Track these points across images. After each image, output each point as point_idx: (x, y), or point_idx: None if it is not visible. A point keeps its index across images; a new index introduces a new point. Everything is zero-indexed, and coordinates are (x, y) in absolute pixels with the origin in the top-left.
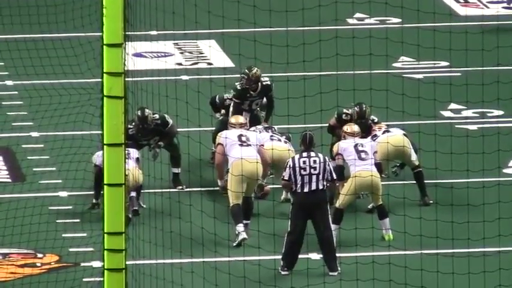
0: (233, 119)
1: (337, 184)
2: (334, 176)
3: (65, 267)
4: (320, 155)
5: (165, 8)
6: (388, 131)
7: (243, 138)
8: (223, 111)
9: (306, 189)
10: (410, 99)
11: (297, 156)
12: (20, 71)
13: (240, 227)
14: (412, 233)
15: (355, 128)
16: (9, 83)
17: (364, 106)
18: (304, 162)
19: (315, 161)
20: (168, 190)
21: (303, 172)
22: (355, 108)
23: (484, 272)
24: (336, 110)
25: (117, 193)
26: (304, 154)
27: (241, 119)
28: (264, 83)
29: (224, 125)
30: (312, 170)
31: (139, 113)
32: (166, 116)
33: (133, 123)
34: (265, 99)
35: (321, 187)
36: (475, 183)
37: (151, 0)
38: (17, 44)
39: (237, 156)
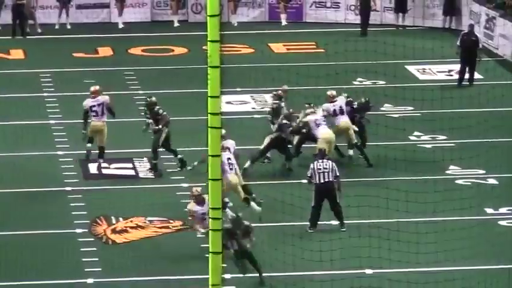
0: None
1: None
2: (337, 173)
3: (186, 229)
4: (330, 161)
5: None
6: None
7: (231, 161)
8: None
9: (321, 181)
10: None
11: (316, 163)
12: None
13: (254, 205)
14: None
15: None
16: None
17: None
18: (320, 165)
19: (326, 164)
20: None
21: (319, 171)
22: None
23: None
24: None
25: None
26: (320, 161)
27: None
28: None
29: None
30: (325, 169)
31: (148, 98)
32: (163, 114)
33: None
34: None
35: (331, 179)
36: None
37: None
38: None
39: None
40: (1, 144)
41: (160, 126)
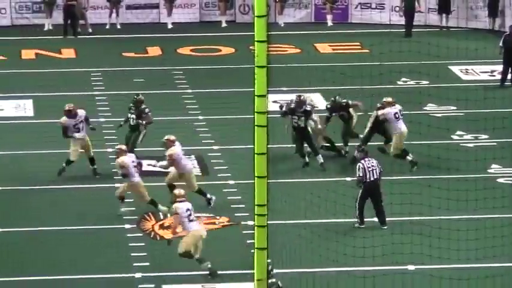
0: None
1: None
2: (382, 169)
3: (232, 225)
4: (374, 160)
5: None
6: None
7: (135, 164)
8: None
9: (371, 178)
10: None
11: (363, 162)
12: None
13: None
14: None
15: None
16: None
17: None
18: (368, 163)
19: (373, 162)
20: None
21: (368, 169)
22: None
23: None
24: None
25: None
26: (367, 159)
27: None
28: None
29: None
30: (373, 167)
31: (135, 96)
32: (149, 113)
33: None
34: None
35: (377, 177)
36: None
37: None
38: None
39: None
40: (53, 141)
41: (143, 122)
